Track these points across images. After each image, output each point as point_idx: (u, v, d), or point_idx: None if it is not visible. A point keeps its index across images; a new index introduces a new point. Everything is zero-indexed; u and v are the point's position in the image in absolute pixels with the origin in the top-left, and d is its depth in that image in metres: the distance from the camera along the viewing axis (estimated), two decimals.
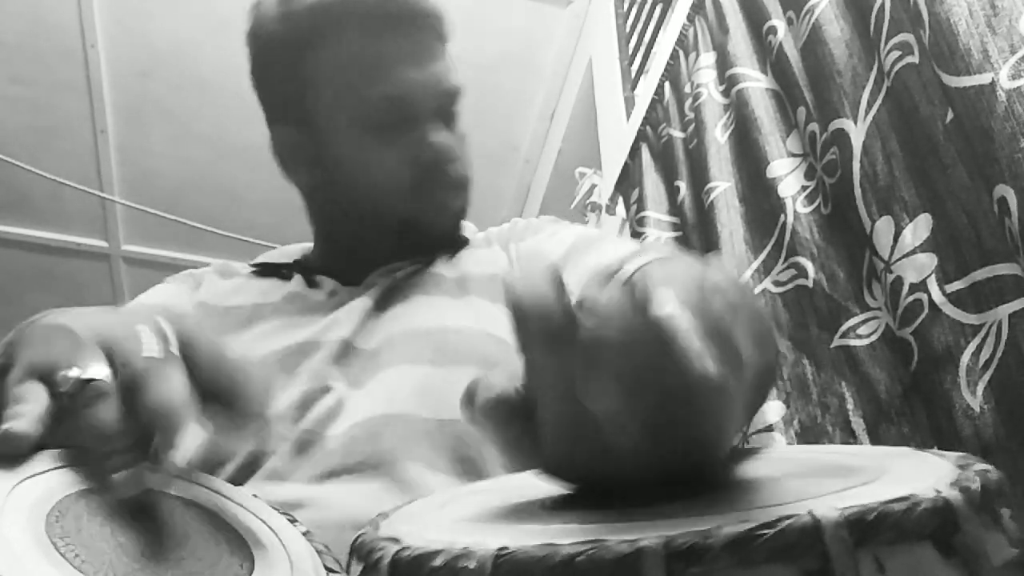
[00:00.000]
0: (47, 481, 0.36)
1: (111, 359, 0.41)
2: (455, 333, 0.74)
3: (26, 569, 0.30)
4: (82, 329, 0.43)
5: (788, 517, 0.26)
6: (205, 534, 0.38)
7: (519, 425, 0.36)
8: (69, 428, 0.39)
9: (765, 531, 0.25)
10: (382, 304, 0.79)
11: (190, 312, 0.82)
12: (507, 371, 0.37)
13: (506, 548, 0.27)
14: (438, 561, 0.28)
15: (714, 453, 0.36)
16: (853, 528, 0.26)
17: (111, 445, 0.38)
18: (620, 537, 0.26)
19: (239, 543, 0.39)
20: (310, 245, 0.93)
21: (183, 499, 0.41)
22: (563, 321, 0.32)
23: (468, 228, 0.92)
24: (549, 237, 0.86)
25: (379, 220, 0.84)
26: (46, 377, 0.40)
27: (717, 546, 0.25)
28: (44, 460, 0.37)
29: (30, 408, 0.39)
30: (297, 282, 0.86)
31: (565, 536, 0.27)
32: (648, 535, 0.26)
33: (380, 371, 0.71)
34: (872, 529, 0.26)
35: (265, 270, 0.90)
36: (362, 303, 0.77)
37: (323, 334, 0.75)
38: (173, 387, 0.41)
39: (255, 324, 0.79)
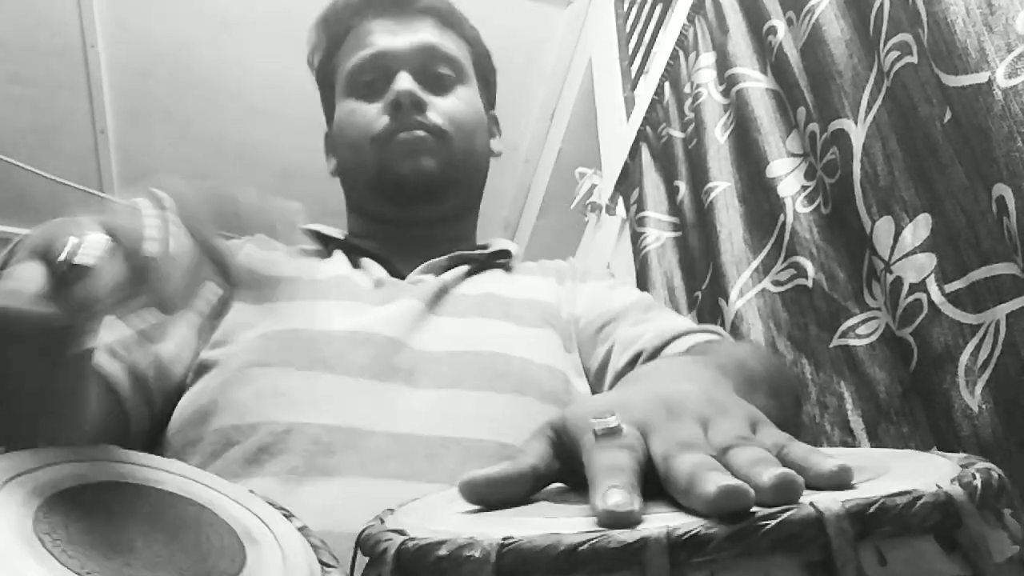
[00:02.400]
0: (37, 478, 0.36)
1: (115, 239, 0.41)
2: (517, 362, 0.74)
3: (12, 565, 0.30)
4: (86, 216, 0.43)
5: (790, 508, 0.26)
6: (196, 529, 0.38)
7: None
8: (67, 300, 0.38)
9: (767, 522, 0.25)
10: (433, 308, 0.79)
11: None
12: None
13: (510, 538, 0.27)
14: (443, 551, 0.28)
15: None
16: (855, 520, 0.26)
17: (103, 304, 0.38)
18: (623, 527, 0.26)
19: (231, 538, 0.38)
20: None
21: (175, 494, 0.41)
22: None
23: (511, 246, 0.94)
24: (609, 290, 0.88)
25: (362, 174, 0.90)
26: (45, 256, 0.40)
27: (720, 536, 0.25)
28: (35, 457, 0.37)
29: (21, 285, 0.38)
30: (340, 262, 0.86)
31: (569, 527, 0.27)
32: (651, 525, 0.26)
33: (439, 388, 0.70)
34: (874, 521, 0.26)
35: (308, 246, 0.91)
36: (411, 304, 0.77)
37: (373, 326, 0.74)
38: (176, 280, 0.40)
39: (299, 298, 0.79)
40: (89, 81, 2.45)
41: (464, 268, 0.86)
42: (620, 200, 1.86)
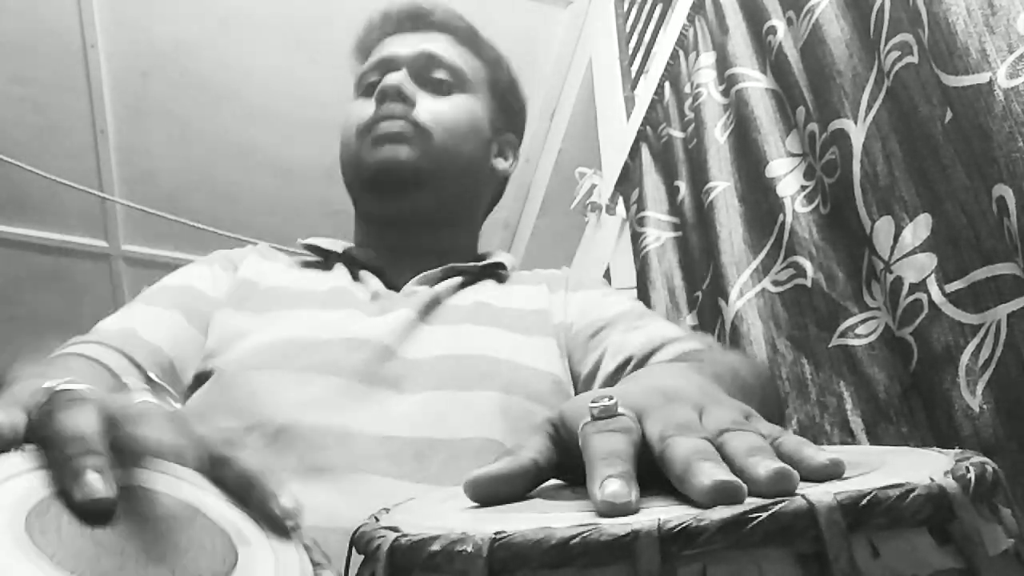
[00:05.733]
0: (30, 480, 0.36)
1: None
2: (505, 364, 0.75)
3: (4, 566, 0.30)
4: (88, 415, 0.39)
5: (782, 500, 0.26)
6: (187, 530, 0.38)
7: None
8: (44, 434, 0.36)
9: (759, 514, 0.25)
10: (425, 318, 0.80)
11: (215, 296, 0.83)
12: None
13: (502, 532, 0.27)
14: (436, 546, 0.28)
15: None
16: (847, 512, 0.26)
17: (85, 446, 0.35)
18: (615, 520, 0.26)
19: (222, 538, 0.38)
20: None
21: (166, 495, 0.40)
22: None
23: (506, 257, 0.95)
24: (602, 298, 0.89)
25: (347, 166, 0.92)
26: (23, 402, 0.38)
27: (711, 528, 0.25)
28: (28, 460, 0.37)
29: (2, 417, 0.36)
30: (341, 274, 0.88)
31: (561, 521, 0.27)
32: (643, 518, 0.26)
33: (425, 391, 0.71)
34: (866, 513, 0.26)
35: (310, 258, 0.92)
36: (405, 314, 0.79)
37: (367, 335, 0.75)
38: (164, 427, 0.38)
39: (299, 308, 0.80)
40: (89, 81, 2.46)
41: (458, 280, 0.87)
42: (620, 200, 1.86)
